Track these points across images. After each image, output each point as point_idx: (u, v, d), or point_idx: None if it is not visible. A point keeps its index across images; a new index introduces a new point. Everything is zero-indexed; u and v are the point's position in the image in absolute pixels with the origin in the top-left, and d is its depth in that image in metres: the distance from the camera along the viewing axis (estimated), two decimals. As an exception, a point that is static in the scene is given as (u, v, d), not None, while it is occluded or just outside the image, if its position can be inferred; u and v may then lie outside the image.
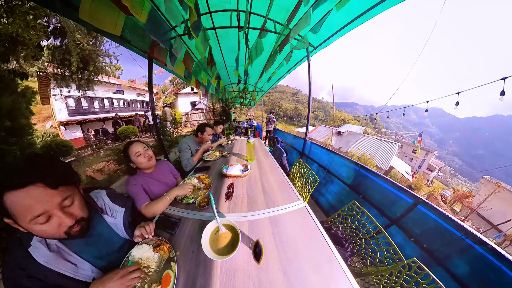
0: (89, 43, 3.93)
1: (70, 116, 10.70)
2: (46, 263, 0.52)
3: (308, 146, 3.00)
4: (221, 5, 1.81)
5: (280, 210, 1.03)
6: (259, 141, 3.11)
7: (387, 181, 1.57)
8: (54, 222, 0.49)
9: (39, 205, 0.45)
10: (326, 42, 2.30)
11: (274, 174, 1.54)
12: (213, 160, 1.98)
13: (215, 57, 2.99)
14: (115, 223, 0.74)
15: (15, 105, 1.55)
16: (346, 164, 2.14)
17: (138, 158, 1.13)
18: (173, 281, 0.63)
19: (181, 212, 1.07)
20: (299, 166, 1.81)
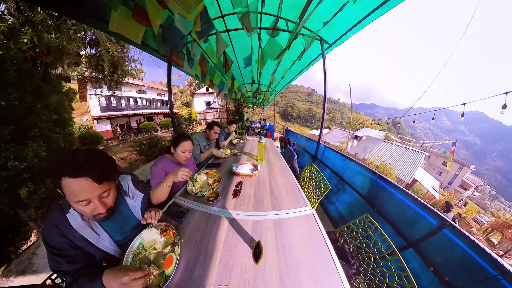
0: (118, 50, 4.80)
1: (102, 112, 12.53)
2: (77, 228, 0.65)
3: (321, 150, 2.83)
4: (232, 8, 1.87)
5: (286, 214, 1.01)
6: (271, 141, 3.07)
7: (409, 196, 1.35)
8: (91, 207, 0.60)
9: (84, 193, 0.56)
10: (342, 38, 2.15)
11: (283, 176, 1.52)
12: (225, 157, 2.05)
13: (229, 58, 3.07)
14: (134, 205, 0.84)
15: (60, 102, 1.89)
16: (361, 173, 1.92)
17: (181, 153, 1.31)
18: (175, 264, 0.69)
19: (190, 203, 1.13)
20: (310, 170, 1.72)
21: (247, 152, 2.30)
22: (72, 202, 0.57)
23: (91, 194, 0.57)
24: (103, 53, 4.50)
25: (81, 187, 0.55)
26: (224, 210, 1.05)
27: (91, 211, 0.60)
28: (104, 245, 0.71)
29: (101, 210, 0.61)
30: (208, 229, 0.91)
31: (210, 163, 1.90)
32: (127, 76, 5.85)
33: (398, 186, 1.48)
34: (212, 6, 1.74)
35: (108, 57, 4.60)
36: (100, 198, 0.61)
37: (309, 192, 1.59)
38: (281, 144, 4.23)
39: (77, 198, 0.55)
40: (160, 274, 0.67)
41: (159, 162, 1.27)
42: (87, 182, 0.55)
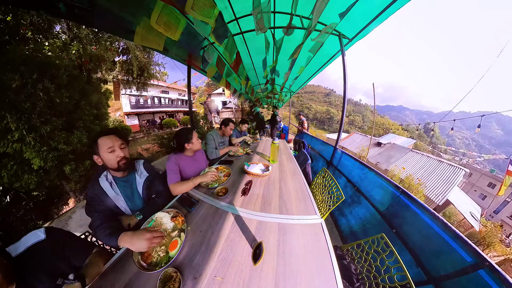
0: (144, 57, 5.76)
1: (131, 109, 14.48)
2: (104, 187, 0.96)
3: (337, 156, 2.61)
4: (246, 10, 1.88)
5: (292, 219, 0.97)
6: (284, 143, 2.99)
7: (438, 220, 1.10)
8: (115, 153, 0.91)
9: (111, 142, 0.90)
10: (363, 31, 1.96)
11: (294, 180, 1.47)
12: (237, 156, 2.10)
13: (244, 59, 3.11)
14: (140, 181, 1.09)
15: (99, 100, 2.31)
16: (382, 186, 1.67)
17: (197, 142, 1.43)
18: (178, 248, 0.77)
19: (201, 195, 1.20)
20: (324, 177, 1.61)
21: (260, 152, 2.31)
22: (104, 153, 0.89)
23: (115, 143, 0.91)
24: (133, 59, 5.51)
25: (110, 139, 0.91)
26: (231, 206, 1.07)
27: (115, 157, 0.91)
28: (122, 206, 1.00)
29: (121, 154, 0.92)
30: (214, 222, 0.95)
31: (223, 159, 1.97)
32: (152, 78, 6.78)
33: (425, 206, 1.21)
34: (226, 11, 1.82)
35: (137, 63, 5.61)
36: (119, 147, 0.93)
37: (320, 200, 1.50)
38: (294, 146, 4.10)
39: (107, 146, 0.89)
40: (165, 254, 0.76)
41: (172, 157, 1.37)
42: (113, 136, 0.92)
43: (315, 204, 1.12)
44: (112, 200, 0.96)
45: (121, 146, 0.93)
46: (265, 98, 9.13)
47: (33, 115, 1.55)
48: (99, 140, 0.89)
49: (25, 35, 2.44)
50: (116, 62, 5.43)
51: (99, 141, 0.88)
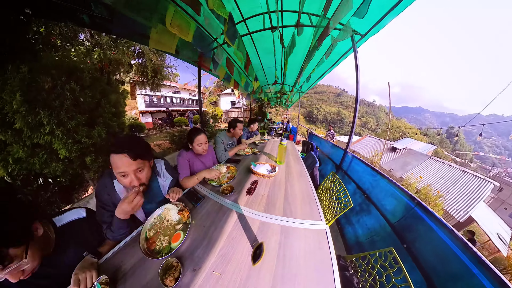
0: (158, 59, 6.19)
1: (146, 107, 15.51)
2: (118, 191, 0.87)
3: (348, 160, 2.46)
4: (253, 11, 1.87)
5: (296, 223, 0.95)
6: (292, 144, 2.93)
7: (458, 240, 0.94)
8: (128, 179, 0.78)
9: (123, 167, 0.75)
10: (376, 26, 1.84)
11: (300, 182, 1.44)
12: (244, 155, 2.12)
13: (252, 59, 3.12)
14: (164, 184, 1.04)
15: (117, 99, 2.50)
16: (395, 195, 1.51)
17: (198, 147, 1.43)
18: (181, 240, 0.80)
19: (207, 192, 1.23)
20: (332, 181, 1.53)
21: (267, 152, 2.30)
22: (116, 174, 0.77)
23: (128, 168, 0.75)
24: (147, 62, 5.97)
25: (121, 161, 0.74)
26: (235, 205, 1.09)
27: (129, 183, 0.78)
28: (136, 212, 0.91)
29: (135, 183, 0.79)
30: (218, 218, 0.97)
31: (230, 158, 2.00)
32: (165, 80, 7.05)
33: (443, 222, 1.06)
34: (234, 12, 1.83)
35: (151, 65, 6.06)
36: (135, 172, 0.78)
37: (326, 205, 1.43)
38: (303, 148, 4.00)
39: (118, 170, 0.75)
40: (167, 244, 0.80)
41: (183, 154, 1.44)
42: (125, 157, 0.73)
43: (321, 209, 1.08)
44: None
45: (137, 171, 0.77)
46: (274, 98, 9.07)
47: (61, 112, 1.77)
48: (111, 157, 0.73)
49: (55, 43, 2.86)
50: (132, 65, 5.96)
51: (110, 158, 0.74)
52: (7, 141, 1.65)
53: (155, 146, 7.33)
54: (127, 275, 0.70)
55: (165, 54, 6.15)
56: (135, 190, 0.77)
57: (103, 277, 0.65)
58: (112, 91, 2.37)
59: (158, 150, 6.89)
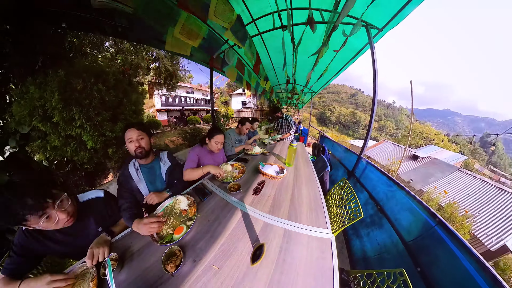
0: (172, 63, 6.86)
1: (162, 106, 16.73)
2: (131, 172, 1.14)
3: (361, 166, 2.27)
4: (262, 11, 1.87)
5: (300, 228, 0.93)
6: (303, 147, 2.83)
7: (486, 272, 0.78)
8: (132, 144, 1.07)
9: (130, 134, 1.07)
10: (395, 19, 1.65)
11: (309, 187, 1.40)
12: (254, 155, 2.13)
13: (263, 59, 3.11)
14: (163, 169, 1.25)
15: (137, 99, 2.71)
16: (413, 210, 1.32)
17: (215, 144, 1.53)
18: (183, 233, 0.85)
19: (214, 188, 1.28)
20: (343, 188, 1.44)
21: (276, 153, 2.28)
22: (126, 143, 1.07)
23: (133, 135, 1.07)
24: (162, 66, 6.70)
25: (129, 132, 1.07)
26: (241, 203, 1.10)
27: (132, 147, 1.06)
28: (141, 187, 1.15)
29: (136, 144, 1.07)
30: (222, 214, 1.00)
31: (239, 157, 2.03)
32: (180, 81, 7.74)
33: (469, 248, 0.88)
34: (243, 14, 1.86)
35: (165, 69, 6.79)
36: (138, 139, 1.07)
37: (334, 213, 1.36)
38: (313, 151, 3.77)
39: (127, 137, 1.06)
40: (170, 234, 0.86)
41: (196, 148, 1.55)
42: (132, 129, 1.07)
43: (328, 217, 1.03)
44: (135, 183, 1.13)
45: (138, 137, 1.08)
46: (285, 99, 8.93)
47: (90, 109, 2.03)
48: (124, 133, 1.08)
49: (85, 51, 3.40)
50: (150, 68, 6.68)
51: (125, 133, 1.08)
52: (46, 132, 1.95)
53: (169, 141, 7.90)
54: (134, 256, 0.78)
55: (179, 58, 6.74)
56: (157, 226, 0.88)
57: (113, 254, 0.74)
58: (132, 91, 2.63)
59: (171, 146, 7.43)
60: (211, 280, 0.66)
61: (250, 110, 19.80)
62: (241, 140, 2.46)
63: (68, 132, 1.98)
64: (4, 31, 1.78)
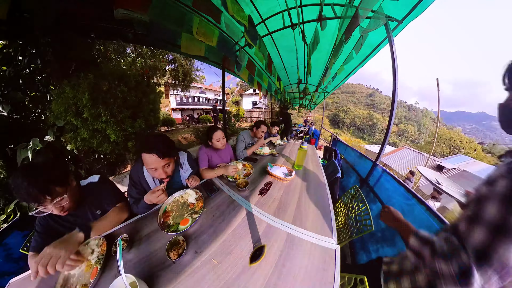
0: (187, 64, 7.65)
1: (177, 105, 17.88)
2: (145, 174, 1.06)
3: (376, 174, 2.08)
4: (271, 10, 1.85)
5: (304, 234, 0.89)
6: (313, 149, 2.71)
7: None
8: (157, 172, 0.93)
9: (152, 164, 0.90)
10: (416, 9, 1.52)
11: (317, 192, 1.33)
12: (262, 155, 2.12)
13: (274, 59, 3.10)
14: (184, 175, 1.21)
15: (155, 98, 2.92)
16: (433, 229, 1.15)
17: (217, 142, 1.58)
18: (188, 225, 0.88)
19: (222, 185, 1.31)
20: (354, 196, 1.36)
21: (285, 155, 2.23)
22: (147, 168, 0.93)
23: (157, 164, 0.91)
24: (178, 67, 7.43)
25: (151, 159, 0.89)
26: (246, 202, 1.10)
27: (158, 175, 0.95)
28: None
29: (163, 176, 0.95)
30: (227, 211, 1.02)
31: (248, 157, 2.03)
32: (193, 82, 8.40)
33: None
34: (252, 15, 1.88)
35: (181, 70, 7.54)
36: (163, 168, 0.93)
37: (342, 222, 1.29)
38: (324, 154, 3.54)
39: (148, 166, 0.91)
40: (176, 224, 0.91)
41: (203, 148, 1.61)
42: (154, 156, 0.88)
43: (335, 226, 0.97)
44: (149, 187, 1.07)
45: (164, 166, 0.92)
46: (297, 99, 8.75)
47: (114, 107, 2.28)
48: (142, 155, 0.87)
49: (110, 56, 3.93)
50: (166, 70, 7.26)
51: (142, 157, 0.88)
52: (77, 126, 2.26)
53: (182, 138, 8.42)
54: (143, 240, 0.86)
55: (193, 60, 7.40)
56: (161, 188, 0.94)
57: (124, 235, 0.83)
58: (150, 91, 2.85)
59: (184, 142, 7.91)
60: (208, 273, 0.68)
61: (261, 110, 19.85)
62: (254, 143, 2.42)
63: (95, 126, 2.26)
64: (47, 43, 2.20)
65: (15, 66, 2.20)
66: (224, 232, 0.87)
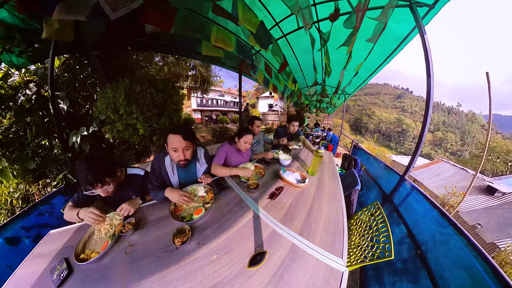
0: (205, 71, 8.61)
1: (197, 107, 19.42)
2: (166, 165, 1.20)
3: (403, 191, 1.76)
4: (284, 13, 1.86)
5: (310, 248, 0.83)
6: (331, 156, 2.51)
7: None
8: (177, 154, 1.07)
9: (176, 143, 1.05)
10: None
11: (331, 204, 1.22)
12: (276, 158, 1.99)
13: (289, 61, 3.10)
14: (200, 169, 1.32)
15: (178, 100, 3.30)
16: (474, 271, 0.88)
17: (244, 144, 1.60)
18: (201, 215, 0.97)
19: (232, 184, 1.35)
20: (373, 215, 1.17)
21: (300, 160, 2.11)
22: (169, 149, 1.08)
23: (179, 145, 1.06)
24: (198, 73, 8.39)
25: (175, 139, 1.05)
26: (255, 204, 1.10)
27: (177, 157, 1.09)
28: (173, 181, 1.25)
29: (182, 157, 1.09)
30: (235, 210, 1.04)
31: (261, 159, 1.99)
32: (212, 85, 9.42)
33: None
34: (266, 19, 1.94)
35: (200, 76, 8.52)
36: (183, 149, 1.08)
37: (355, 243, 1.12)
38: (343, 163, 3.14)
39: (172, 146, 1.06)
40: (189, 214, 1.00)
41: (225, 145, 1.65)
42: (179, 137, 1.04)
43: (346, 245, 0.87)
44: (168, 176, 1.22)
45: (184, 148, 1.06)
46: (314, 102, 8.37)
47: (144, 106, 2.72)
48: (168, 135, 1.06)
49: (142, 64, 4.63)
50: (188, 75, 8.34)
51: (168, 136, 1.06)
52: (115, 120, 2.73)
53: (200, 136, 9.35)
54: (153, 222, 0.96)
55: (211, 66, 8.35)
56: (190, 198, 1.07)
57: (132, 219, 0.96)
58: (174, 94, 3.27)
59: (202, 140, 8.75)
60: (206, 266, 0.71)
61: (277, 113, 19.76)
62: (259, 141, 2.42)
63: (128, 121, 2.70)
64: (95, 55, 2.93)
65: (73, 73, 2.92)
66: (229, 230, 0.88)
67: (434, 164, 12.25)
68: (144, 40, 2.43)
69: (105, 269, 0.75)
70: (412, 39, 1.94)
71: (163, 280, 0.67)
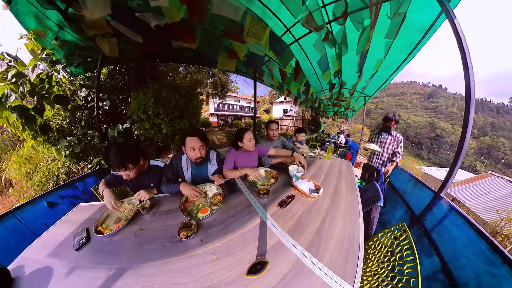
0: (224, 78, 9.63)
1: (214, 111, 20.97)
2: (182, 162, 1.40)
3: (439, 212, 1.45)
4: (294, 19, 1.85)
5: (316, 267, 0.75)
6: (349, 165, 2.19)
7: None
8: (194, 152, 1.25)
9: (193, 143, 1.24)
10: None
11: (346, 220, 1.07)
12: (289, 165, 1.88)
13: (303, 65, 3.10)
14: (210, 170, 1.47)
15: (197, 104, 3.68)
16: None
17: (248, 142, 1.63)
18: (207, 214, 1.01)
19: (243, 187, 1.37)
20: (397, 238, 1.00)
21: (315, 169, 1.95)
22: (187, 149, 1.26)
23: (196, 144, 1.24)
24: (217, 80, 9.49)
25: (193, 140, 1.24)
26: (263, 211, 1.08)
27: (194, 155, 1.26)
28: (186, 177, 1.42)
29: (199, 155, 1.26)
30: (242, 213, 1.04)
31: (274, 164, 1.92)
32: (229, 91, 10.40)
33: None
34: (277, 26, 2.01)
35: (220, 82, 9.61)
36: (199, 148, 1.25)
37: (372, 270, 0.97)
38: (363, 174, 2.76)
39: (190, 145, 1.24)
40: (195, 212, 1.06)
41: (231, 151, 1.69)
42: (196, 138, 1.24)
43: (360, 271, 0.75)
44: (182, 172, 1.40)
45: (200, 147, 1.25)
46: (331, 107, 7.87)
47: (168, 109, 3.12)
48: (186, 138, 1.25)
49: (168, 73, 5.34)
50: (208, 83, 9.26)
51: (186, 139, 1.25)
52: (143, 119, 3.15)
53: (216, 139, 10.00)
54: (163, 212, 1.07)
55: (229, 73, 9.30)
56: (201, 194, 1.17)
57: (147, 201, 1.13)
58: (195, 99, 3.68)
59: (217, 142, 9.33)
60: (205, 264, 0.72)
61: (291, 118, 19.43)
62: (272, 146, 2.36)
63: (154, 121, 3.09)
64: (131, 66, 3.63)
65: (114, 80, 3.65)
66: (233, 232, 0.88)
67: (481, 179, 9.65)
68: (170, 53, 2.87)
69: (116, 245, 0.86)
70: (439, 26, 1.66)
71: (162, 268, 0.72)
